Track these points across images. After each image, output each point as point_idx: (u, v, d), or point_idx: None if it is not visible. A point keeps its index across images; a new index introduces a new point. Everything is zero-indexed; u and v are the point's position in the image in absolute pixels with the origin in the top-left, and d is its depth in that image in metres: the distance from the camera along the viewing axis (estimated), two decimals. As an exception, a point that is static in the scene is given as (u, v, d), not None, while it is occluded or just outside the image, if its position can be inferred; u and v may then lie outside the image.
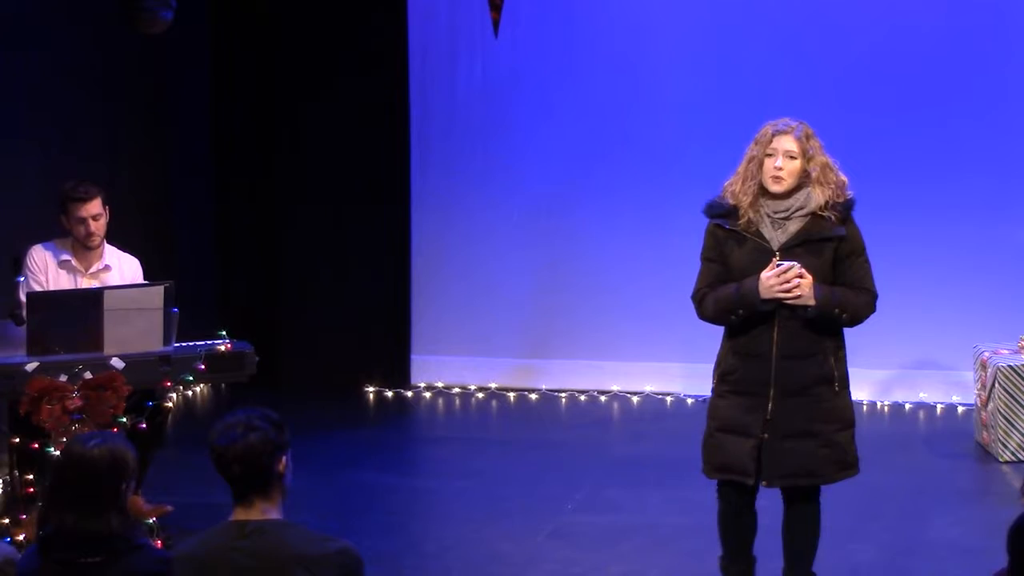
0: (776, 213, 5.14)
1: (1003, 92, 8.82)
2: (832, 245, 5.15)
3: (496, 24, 8.74)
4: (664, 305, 8.78)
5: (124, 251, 6.72)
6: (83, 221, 6.47)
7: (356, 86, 9.51)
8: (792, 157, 5.12)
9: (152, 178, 9.41)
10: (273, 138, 9.66)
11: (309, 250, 9.66)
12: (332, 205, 9.60)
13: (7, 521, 6.00)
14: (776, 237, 5.13)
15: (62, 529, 3.79)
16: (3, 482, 6.74)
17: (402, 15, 9.44)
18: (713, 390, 5.30)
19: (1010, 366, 7.60)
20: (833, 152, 8.75)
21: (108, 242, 6.66)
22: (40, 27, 8.20)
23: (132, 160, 9.12)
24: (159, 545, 5.25)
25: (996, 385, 7.60)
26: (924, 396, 9.00)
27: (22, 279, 6.38)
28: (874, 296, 5.21)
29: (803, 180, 5.14)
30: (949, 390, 8.91)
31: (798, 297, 5.05)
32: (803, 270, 5.05)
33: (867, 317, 5.21)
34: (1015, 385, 7.58)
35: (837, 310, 5.09)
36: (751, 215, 5.15)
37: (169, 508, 6.30)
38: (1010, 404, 7.59)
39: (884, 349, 8.97)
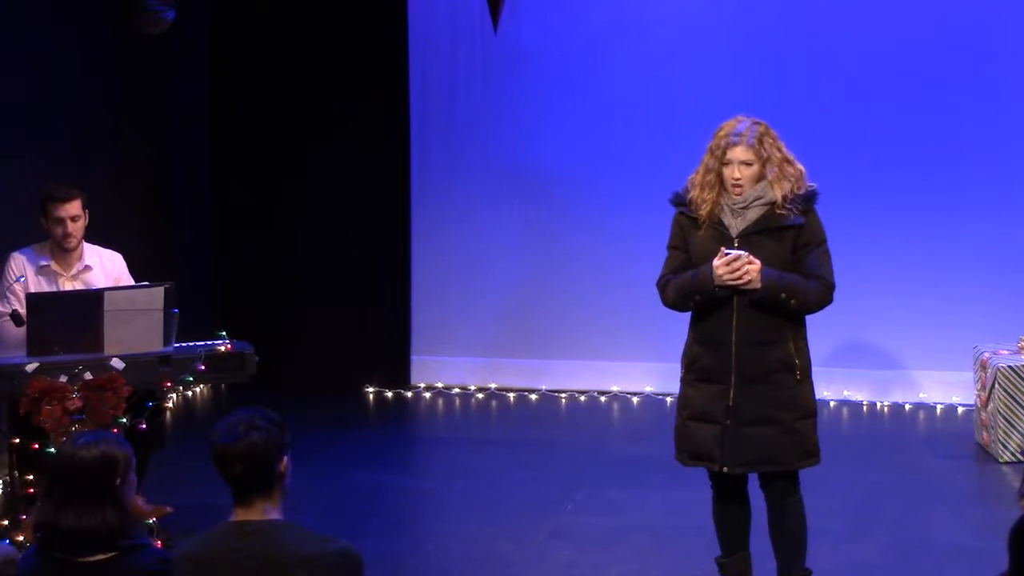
0: (735, 203, 5.20)
1: (1004, 92, 8.81)
2: (791, 234, 5.19)
3: (495, 22, 8.73)
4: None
5: (105, 247, 6.68)
6: (61, 221, 6.42)
7: (356, 85, 9.51)
8: (748, 164, 5.17)
9: (152, 178, 9.40)
10: (273, 138, 9.66)
11: (309, 250, 9.65)
12: (332, 205, 9.60)
13: (7, 522, 6.00)
14: (735, 224, 5.20)
15: (59, 529, 3.79)
16: (3, 483, 6.74)
17: (402, 13, 9.45)
18: (682, 380, 5.36)
19: (1010, 367, 7.60)
20: (835, 153, 8.85)
21: (92, 241, 6.62)
22: (40, 27, 8.19)
23: (132, 160, 9.11)
24: (159, 545, 5.25)
25: (996, 386, 7.59)
26: (924, 396, 9.00)
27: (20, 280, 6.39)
28: (829, 286, 5.20)
29: (761, 176, 5.20)
30: (949, 390, 8.90)
31: (748, 283, 5.10)
32: (751, 256, 5.10)
33: (820, 305, 5.20)
34: (1015, 386, 7.57)
35: (784, 294, 5.11)
36: (713, 208, 5.22)
37: (169, 509, 6.30)
38: (1010, 405, 7.59)
39: (884, 349, 8.99)
